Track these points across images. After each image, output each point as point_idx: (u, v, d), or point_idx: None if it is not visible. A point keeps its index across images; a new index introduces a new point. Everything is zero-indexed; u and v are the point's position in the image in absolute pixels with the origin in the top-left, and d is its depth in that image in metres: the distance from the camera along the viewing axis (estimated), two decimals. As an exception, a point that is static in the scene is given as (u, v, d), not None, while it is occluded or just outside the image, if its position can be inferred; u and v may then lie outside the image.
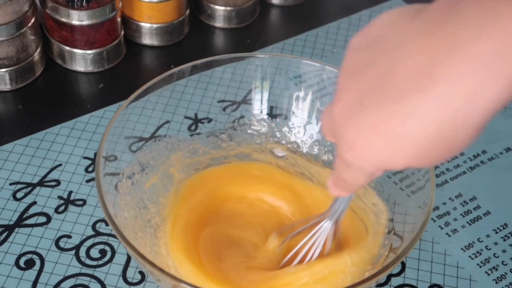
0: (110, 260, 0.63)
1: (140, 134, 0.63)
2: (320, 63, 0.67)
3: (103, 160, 0.57)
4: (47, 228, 0.65)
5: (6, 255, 0.63)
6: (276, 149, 0.68)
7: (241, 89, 0.69)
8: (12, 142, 0.72)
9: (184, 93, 0.67)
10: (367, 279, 0.51)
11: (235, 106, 0.69)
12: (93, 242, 0.64)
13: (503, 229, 0.67)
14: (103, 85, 0.81)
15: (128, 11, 0.84)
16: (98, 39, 0.80)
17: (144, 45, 0.85)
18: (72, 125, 0.75)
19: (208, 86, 0.69)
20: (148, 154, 0.64)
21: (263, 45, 0.86)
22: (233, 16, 0.88)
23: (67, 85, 0.80)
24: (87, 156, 0.72)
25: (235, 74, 0.69)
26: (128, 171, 0.61)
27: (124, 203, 0.59)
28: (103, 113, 0.76)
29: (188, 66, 0.65)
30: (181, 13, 0.85)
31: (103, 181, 0.56)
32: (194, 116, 0.69)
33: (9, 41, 0.75)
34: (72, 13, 0.77)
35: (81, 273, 0.62)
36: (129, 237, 0.53)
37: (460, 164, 0.73)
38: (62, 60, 0.81)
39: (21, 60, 0.77)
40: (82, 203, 0.67)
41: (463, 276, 0.63)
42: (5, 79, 0.77)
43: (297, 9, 0.92)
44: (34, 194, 0.68)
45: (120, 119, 0.60)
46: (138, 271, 0.62)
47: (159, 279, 0.52)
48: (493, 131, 0.77)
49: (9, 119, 0.76)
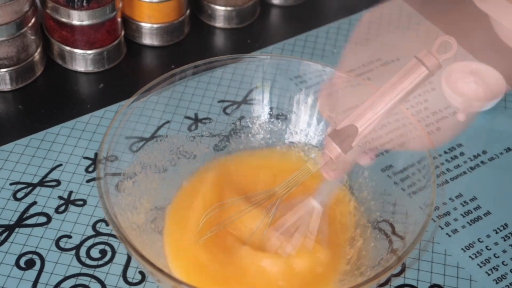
0: (110, 260, 0.63)
1: (140, 134, 0.63)
2: (321, 64, 0.67)
3: (104, 160, 0.57)
4: (47, 228, 0.65)
5: (6, 255, 0.63)
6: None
7: (242, 89, 0.69)
8: (13, 142, 0.72)
9: (184, 93, 0.67)
10: (369, 280, 0.51)
11: (236, 106, 0.69)
12: (93, 242, 0.64)
13: (503, 229, 0.67)
14: (103, 85, 0.81)
15: (128, 11, 0.84)
16: (99, 39, 0.80)
17: (145, 45, 0.85)
18: (72, 125, 0.75)
19: (208, 86, 0.69)
20: (149, 154, 0.64)
21: (263, 45, 0.86)
22: (233, 16, 0.88)
23: (67, 85, 0.80)
24: (87, 156, 0.72)
25: (235, 74, 0.69)
26: (129, 171, 0.61)
27: (125, 203, 0.59)
28: (103, 113, 0.76)
29: (190, 67, 0.65)
30: (181, 13, 0.85)
31: (104, 181, 0.56)
32: (194, 116, 0.69)
33: (9, 41, 0.75)
34: (73, 13, 0.77)
35: (81, 273, 0.62)
36: (130, 238, 0.53)
37: (461, 164, 0.73)
38: (62, 60, 0.81)
39: (21, 60, 0.77)
40: (82, 203, 0.67)
41: (464, 276, 0.63)
42: (5, 79, 0.77)
43: (297, 9, 0.92)
44: (35, 194, 0.68)
45: (121, 119, 0.60)
46: (138, 271, 0.62)
47: (160, 280, 0.52)
48: (493, 131, 0.77)
49: (10, 119, 0.76)
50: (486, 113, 0.78)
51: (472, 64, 0.82)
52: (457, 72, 0.81)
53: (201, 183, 0.65)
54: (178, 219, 0.62)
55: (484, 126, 0.77)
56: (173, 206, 0.63)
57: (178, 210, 0.63)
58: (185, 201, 0.63)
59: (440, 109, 0.79)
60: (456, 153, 0.74)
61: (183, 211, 0.63)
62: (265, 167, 0.67)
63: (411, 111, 0.79)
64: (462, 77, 0.79)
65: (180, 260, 0.59)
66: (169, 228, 0.61)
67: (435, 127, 0.77)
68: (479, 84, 0.79)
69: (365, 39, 0.87)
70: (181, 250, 0.60)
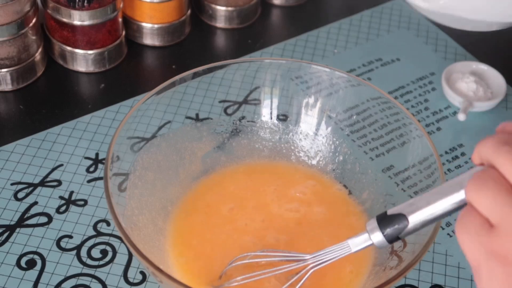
0: (111, 260, 0.63)
1: (142, 135, 0.63)
2: (322, 66, 0.67)
3: (110, 161, 0.57)
4: (48, 228, 0.65)
5: (7, 255, 0.63)
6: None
7: (243, 90, 0.69)
8: (14, 142, 0.72)
9: (185, 93, 0.67)
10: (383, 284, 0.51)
11: (237, 107, 0.69)
12: (94, 242, 0.64)
13: (504, 229, 0.67)
14: (104, 85, 0.81)
15: (129, 11, 0.84)
16: (99, 39, 0.80)
17: (145, 45, 0.85)
18: (73, 125, 0.75)
19: (209, 86, 0.69)
20: (150, 154, 0.64)
21: (264, 46, 0.86)
22: (234, 16, 0.88)
23: (68, 85, 0.80)
24: (88, 156, 0.72)
25: (236, 75, 0.69)
26: (131, 171, 0.61)
27: (127, 203, 0.59)
28: (104, 113, 0.76)
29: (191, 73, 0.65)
30: (182, 13, 0.85)
31: (110, 182, 0.56)
32: (195, 116, 0.69)
33: (10, 41, 0.75)
34: (74, 13, 0.77)
35: (82, 273, 0.62)
36: (133, 238, 0.53)
37: (462, 164, 0.73)
38: (63, 60, 0.81)
39: (22, 60, 0.77)
40: (83, 203, 0.67)
41: (464, 277, 0.63)
42: (6, 79, 0.77)
43: (298, 9, 0.92)
44: (35, 194, 0.68)
45: (126, 121, 0.60)
46: (139, 271, 0.62)
47: (162, 281, 0.52)
48: (494, 131, 0.77)
49: (11, 119, 0.76)
50: (487, 113, 0.78)
51: (472, 64, 0.82)
52: (457, 72, 0.81)
53: (203, 184, 0.65)
54: (181, 221, 0.62)
55: (485, 126, 0.77)
56: (176, 206, 0.63)
57: (181, 211, 0.63)
58: (188, 202, 0.64)
59: (440, 109, 0.79)
60: (457, 153, 0.74)
61: (186, 212, 0.63)
62: (267, 170, 0.67)
63: (411, 111, 0.79)
64: (462, 77, 0.80)
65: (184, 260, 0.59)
66: (173, 228, 0.61)
67: (435, 127, 0.77)
68: (479, 84, 0.79)
69: (365, 39, 0.88)
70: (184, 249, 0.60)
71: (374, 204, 0.63)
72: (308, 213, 0.63)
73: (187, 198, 0.64)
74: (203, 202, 0.64)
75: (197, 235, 0.61)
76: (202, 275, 0.58)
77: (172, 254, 0.60)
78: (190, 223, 0.62)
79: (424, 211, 0.46)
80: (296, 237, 0.61)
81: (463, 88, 0.79)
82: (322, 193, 0.65)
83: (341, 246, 0.52)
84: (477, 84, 0.79)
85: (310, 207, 0.64)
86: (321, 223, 0.63)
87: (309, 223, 0.63)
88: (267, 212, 0.63)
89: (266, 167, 0.68)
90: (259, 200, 0.64)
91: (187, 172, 0.66)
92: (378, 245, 0.49)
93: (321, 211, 0.63)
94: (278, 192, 0.65)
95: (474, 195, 0.41)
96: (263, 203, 0.64)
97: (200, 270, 0.59)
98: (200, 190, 0.65)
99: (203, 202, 0.64)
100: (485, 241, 0.40)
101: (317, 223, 0.63)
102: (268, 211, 0.63)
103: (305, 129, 0.68)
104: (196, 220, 0.62)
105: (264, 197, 0.64)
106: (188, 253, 0.60)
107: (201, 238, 0.61)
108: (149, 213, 0.61)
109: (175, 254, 0.60)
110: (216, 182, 0.66)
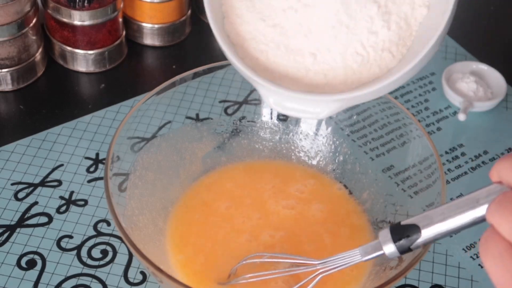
0: (112, 260, 0.63)
1: (142, 135, 0.63)
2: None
3: (110, 161, 0.57)
4: (48, 228, 0.65)
5: (8, 255, 0.63)
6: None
7: (243, 90, 0.69)
8: (14, 142, 0.73)
9: (185, 93, 0.67)
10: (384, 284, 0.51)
11: (237, 107, 0.69)
12: (94, 242, 0.64)
13: (504, 229, 0.67)
14: (104, 85, 0.81)
15: (129, 11, 0.84)
16: (100, 40, 0.80)
17: (146, 46, 0.85)
18: (73, 125, 0.75)
19: (209, 86, 0.69)
20: (150, 154, 0.64)
21: (265, 46, 0.86)
22: (234, 16, 0.88)
23: (68, 85, 0.80)
24: (89, 156, 0.72)
25: (237, 75, 0.69)
26: (131, 171, 0.61)
27: (127, 203, 0.59)
28: (104, 113, 0.76)
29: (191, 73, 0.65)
30: (182, 14, 0.85)
31: (111, 182, 0.56)
32: (196, 116, 0.69)
33: (10, 41, 0.75)
34: (74, 13, 0.77)
35: (82, 273, 0.62)
36: (134, 238, 0.53)
37: (462, 164, 0.73)
38: (63, 61, 0.81)
39: (22, 60, 0.77)
40: (84, 203, 0.67)
41: (465, 277, 0.63)
42: (6, 79, 0.77)
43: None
44: (36, 194, 0.68)
45: (126, 121, 0.60)
46: (139, 271, 0.62)
47: (162, 281, 0.52)
48: (494, 131, 0.77)
49: (11, 119, 0.76)
50: (487, 113, 0.79)
51: (472, 64, 0.82)
52: (457, 72, 0.81)
53: (203, 184, 0.65)
54: (181, 221, 0.62)
55: (485, 127, 0.77)
56: (176, 206, 0.63)
57: (182, 211, 0.63)
58: (189, 202, 0.64)
59: (441, 109, 0.79)
60: (457, 153, 0.74)
61: (187, 212, 0.63)
62: (266, 169, 0.67)
63: (411, 111, 0.79)
64: (463, 77, 0.80)
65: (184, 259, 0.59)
66: (173, 228, 0.61)
67: (435, 127, 0.77)
68: (479, 84, 0.79)
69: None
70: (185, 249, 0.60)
71: (374, 204, 0.64)
72: (305, 210, 0.63)
73: (188, 198, 0.64)
74: (201, 200, 0.64)
75: (196, 234, 0.61)
76: (203, 275, 0.58)
77: (172, 254, 0.60)
78: (189, 222, 0.62)
79: (439, 226, 0.46)
80: (293, 234, 0.61)
81: (463, 88, 0.79)
82: (321, 191, 0.66)
83: (351, 253, 0.51)
84: (477, 84, 0.79)
85: (308, 204, 0.64)
86: (320, 220, 0.63)
87: (307, 220, 0.63)
88: (265, 209, 0.64)
89: (265, 166, 0.68)
90: (256, 198, 0.64)
91: (187, 172, 0.66)
92: (390, 255, 0.48)
93: (320, 208, 0.64)
94: (276, 190, 0.65)
95: (498, 219, 0.40)
96: (260, 200, 0.64)
97: (201, 269, 0.59)
98: (200, 190, 0.65)
99: (201, 201, 0.64)
100: (510, 265, 0.40)
101: (315, 220, 0.63)
102: (265, 208, 0.64)
103: (305, 129, 0.68)
104: (194, 218, 0.62)
105: (262, 194, 0.65)
106: (188, 252, 0.60)
107: (200, 237, 0.61)
108: (150, 213, 0.61)
109: (175, 254, 0.60)
110: (217, 184, 0.66)
